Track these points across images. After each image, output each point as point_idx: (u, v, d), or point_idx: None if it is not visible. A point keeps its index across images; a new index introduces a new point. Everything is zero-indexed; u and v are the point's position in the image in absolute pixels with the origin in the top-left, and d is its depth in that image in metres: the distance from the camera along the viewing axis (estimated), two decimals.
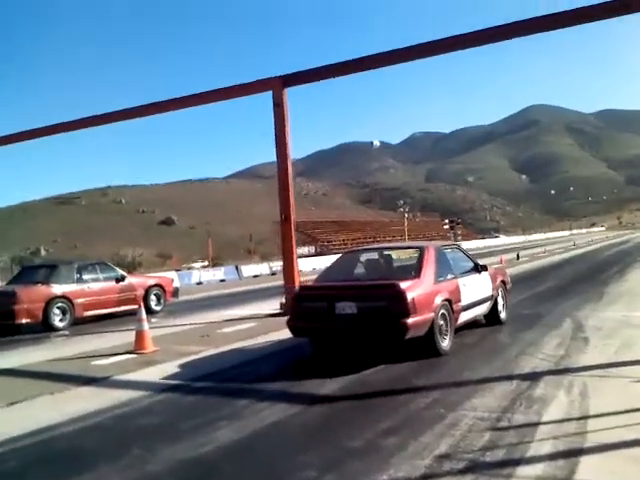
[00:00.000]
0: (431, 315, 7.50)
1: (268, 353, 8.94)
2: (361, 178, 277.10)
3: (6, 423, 5.90)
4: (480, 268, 9.40)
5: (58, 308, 13.10)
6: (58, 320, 13.05)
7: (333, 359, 8.07)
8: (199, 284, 27.75)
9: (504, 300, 10.20)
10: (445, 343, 7.81)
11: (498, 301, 9.89)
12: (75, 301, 13.40)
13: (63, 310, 13.19)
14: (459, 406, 5.42)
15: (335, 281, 8.55)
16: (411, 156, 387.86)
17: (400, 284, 7.36)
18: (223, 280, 30.07)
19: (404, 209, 73.17)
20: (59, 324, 13.04)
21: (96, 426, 5.65)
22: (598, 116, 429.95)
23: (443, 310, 7.80)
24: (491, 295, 9.58)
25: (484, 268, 9.48)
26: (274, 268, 34.25)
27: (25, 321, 12.63)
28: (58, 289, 13.26)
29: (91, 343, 10.87)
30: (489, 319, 9.84)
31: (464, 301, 8.45)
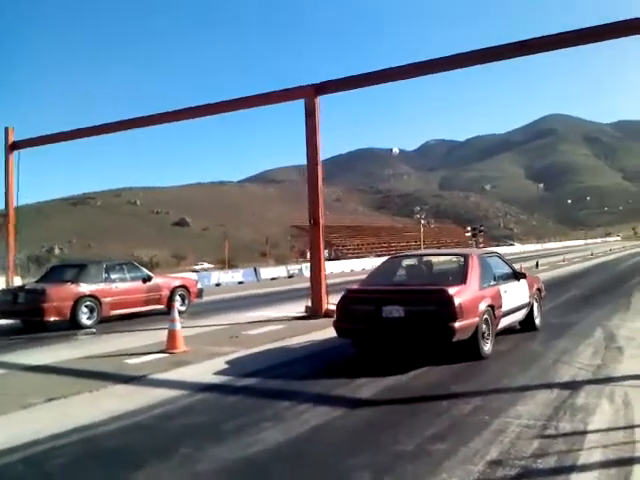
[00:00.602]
0: (476, 320, 7.67)
1: (302, 355, 8.97)
2: (374, 184, 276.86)
3: (47, 420, 5.93)
4: (519, 275, 9.57)
5: (86, 307, 13.17)
6: (86, 318, 13.13)
7: (370, 363, 8.10)
8: (218, 285, 27.82)
9: (539, 307, 10.40)
10: (487, 347, 8.00)
11: (534, 308, 10.06)
12: (103, 300, 13.48)
13: (91, 309, 13.26)
14: (503, 413, 5.44)
15: (381, 285, 8.75)
16: (425, 163, 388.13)
17: (449, 289, 7.54)
18: (241, 282, 30.13)
19: (420, 215, 72.75)
20: (87, 322, 13.11)
21: (139, 425, 5.69)
22: (615, 126, 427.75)
23: (486, 315, 7.98)
24: (528, 302, 9.77)
25: (522, 275, 9.68)
26: (291, 271, 34.33)
27: (53, 318, 12.71)
28: (86, 288, 13.33)
29: (120, 341, 10.93)
30: (525, 325, 10.01)
31: (505, 307, 8.62)
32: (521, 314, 9.64)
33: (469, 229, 74.92)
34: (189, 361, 8.67)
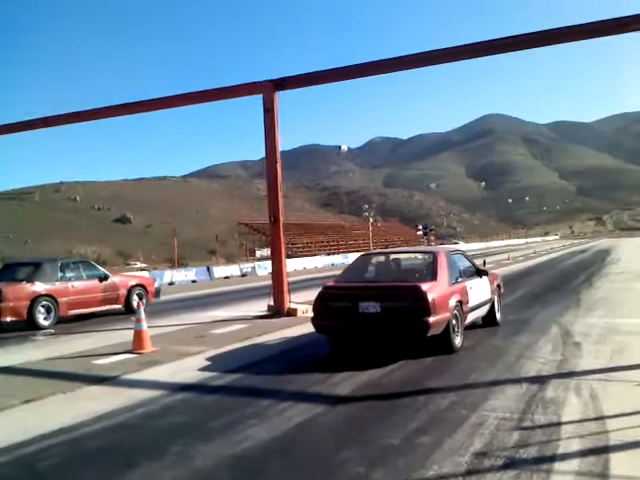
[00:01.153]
0: (447, 315, 8.04)
1: (273, 354, 9.08)
2: (320, 181, 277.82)
3: (29, 421, 5.91)
4: (481, 272, 10.00)
5: (43, 306, 12.95)
6: (43, 319, 12.90)
7: (341, 360, 8.29)
8: (171, 284, 27.58)
9: (499, 303, 10.87)
10: (458, 341, 8.40)
11: (495, 304, 10.50)
12: (60, 299, 13.26)
13: (48, 309, 13.04)
14: (479, 407, 5.68)
15: (355, 282, 8.99)
16: (370, 160, 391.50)
17: (422, 286, 7.88)
18: (195, 281, 29.93)
19: (369, 214, 73.46)
20: (44, 322, 12.89)
21: (123, 424, 5.72)
22: (551, 127, 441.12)
23: (456, 311, 8.34)
24: (490, 298, 10.21)
25: (485, 272, 10.11)
26: (244, 269, 34.26)
27: (10, 319, 12.47)
28: (42, 287, 13.10)
29: (82, 342, 10.81)
30: (487, 320, 10.43)
31: (471, 303, 9.03)
32: (484, 309, 10.06)
33: (420, 228, 76.24)
34: (159, 361, 8.66)
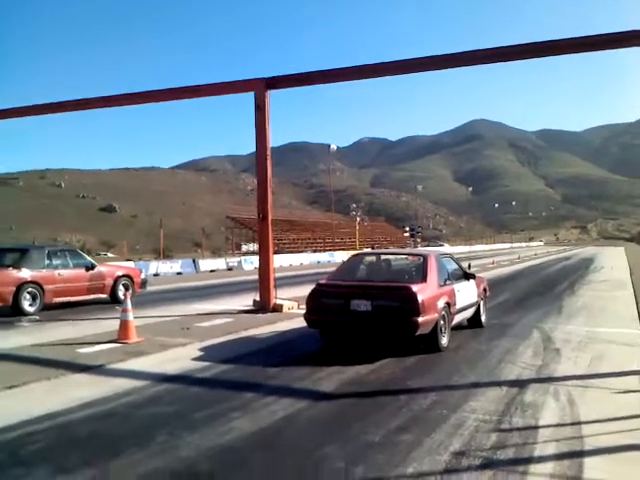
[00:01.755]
0: (435, 316, 8.30)
1: (258, 349, 9.15)
2: (308, 178, 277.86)
3: (15, 407, 5.96)
4: (468, 276, 10.26)
5: (28, 293, 12.93)
6: (28, 305, 12.89)
7: (327, 357, 8.39)
8: (156, 275, 27.51)
9: (484, 306, 11.21)
10: (444, 341, 8.69)
11: (480, 307, 10.83)
12: (45, 287, 13.24)
13: (33, 295, 13.02)
14: (459, 408, 5.80)
15: (348, 280, 9.22)
16: (358, 160, 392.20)
17: (412, 287, 8.12)
18: (180, 273, 29.88)
19: (356, 212, 73.68)
20: (29, 309, 12.87)
21: (109, 412, 5.78)
22: (538, 135, 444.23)
23: (444, 312, 8.61)
24: (476, 301, 10.54)
25: (472, 276, 10.38)
26: (230, 263, 34.23)
27: None
28: (28, 274, 13.07)
29: (67, 330, 10.83)
30: (472, 322, 10.73)
31: (458, 305, 9.31)
32: (470, 312, 10.38)
33: (407, 229, 76.49)
34: (144, 351, 8.71)
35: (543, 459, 4.53)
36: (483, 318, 11.01)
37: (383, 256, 10.60)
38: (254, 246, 52.50)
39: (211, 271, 31.94)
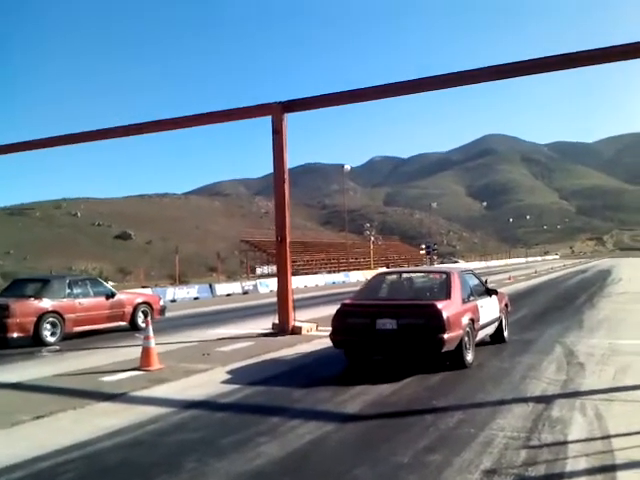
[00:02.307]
0: (460, 332, 8.35)
1: (281, 372, 9.15)
2: (321, 199, 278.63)
3: (42, 437, 5.99)
4: (490, 292, 10.30)
5: (49, 323, 13.00)
6: (49, 335, 12.96)
7: (349, 378, 8.39)
8: (173, 301, 27.58)
9: (506, 321, 11.23)
10: (469, 357, 8.74)
11: (502, 322, 10.85)
12: (66, 316, 13.32)
13: (54, 325, 13.10)
14: (486, 426, 5.78)
15: (372, 299, 9.33)
16: (370, 179, 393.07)
17: (437, 304, 8.17)
18: (197, 298, 29.91)
19: (370, 232, 73.65)
20: (50, 339, 12.94)
21: (137, 440, 5.80)
22: (551, 147, 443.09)
23: (468, 328, 8.65)
24: (499, 316, 10.58)
25: (494, 292, 10.42)
26: (246, 287, 34.25)
27: (16, 335, 12.51)
28: (49, 303, 13.16)
29: (89, 359, 10.86)
30: (495, 338, 10.77)
31: (482, 321, 9.36)
32: (493, 327, 10.43)
33: (423, 247, 76.47)
34: (167, 378, 8.74)
35: (575, 474, 4.51)
36: (506, 333, 11.06)
37: (406, 274, 10.72)
38: (269, 268, 52.61)
39: (227, 295, 31.97)
